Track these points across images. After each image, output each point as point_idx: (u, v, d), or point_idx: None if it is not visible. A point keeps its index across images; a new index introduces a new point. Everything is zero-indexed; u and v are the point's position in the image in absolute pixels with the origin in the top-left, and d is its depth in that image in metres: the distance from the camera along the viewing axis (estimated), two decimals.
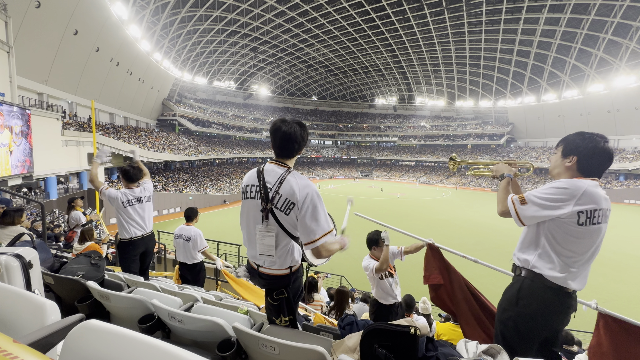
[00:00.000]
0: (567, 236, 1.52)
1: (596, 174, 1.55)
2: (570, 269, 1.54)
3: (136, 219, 3.23)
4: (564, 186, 1.51)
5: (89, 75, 23.06)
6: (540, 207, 1.53)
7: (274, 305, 1.67)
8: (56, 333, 0.73)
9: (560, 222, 1.52)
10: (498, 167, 1.94)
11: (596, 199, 1.48)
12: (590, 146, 1.54)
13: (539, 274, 1.59)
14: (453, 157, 2.32)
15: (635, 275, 13.14)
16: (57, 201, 16.07)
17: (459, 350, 1.63)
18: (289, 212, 1.52)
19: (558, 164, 1.66)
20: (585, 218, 1.48)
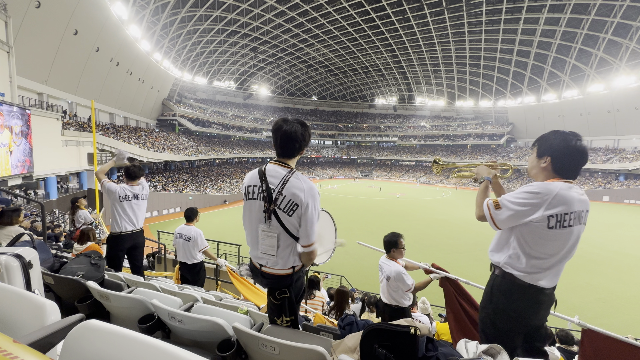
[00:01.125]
0: (538, 239, 1.54)
1: (571, 173, 1.56)
2: (539, 269, 1.57)
3: (129, 215, 3.37)
4: (535, 190, 1.52)
5: (89, 75, 23.07)
6: (513, 212, 1.55)
7: (276, 305, 1.67)
8: (56, 333, 0.73)
9: (531, 225, 1.53)
10: (478, 169, 1.95)
11: (568, 201, 1.48)
12: (562, 145, 1.54)
13: (509, 272, 1.63)
14: (436, 160, 2.33)
15: (635, 275, 13.15)
16: (57, 201, 16.07)
17: (459, 350, 1.64)
18: (292, 214, 1.52)
19: (534, 164, 1.66)
20: (556, 222, 1.49)
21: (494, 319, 1.70)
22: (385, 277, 2.99)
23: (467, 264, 14.11)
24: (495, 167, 1.96)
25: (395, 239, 3.06)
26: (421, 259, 2.81)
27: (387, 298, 3.06)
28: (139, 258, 3.68)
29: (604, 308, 10.29)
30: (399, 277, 2.92)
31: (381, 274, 3.09)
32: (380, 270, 3.11)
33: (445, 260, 14.55)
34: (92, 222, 5.64)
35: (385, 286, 3.03)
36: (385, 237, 3.12)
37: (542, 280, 1.57)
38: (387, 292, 3.03)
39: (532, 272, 1.57)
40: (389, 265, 3.01)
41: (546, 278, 1.58)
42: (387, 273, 2.97)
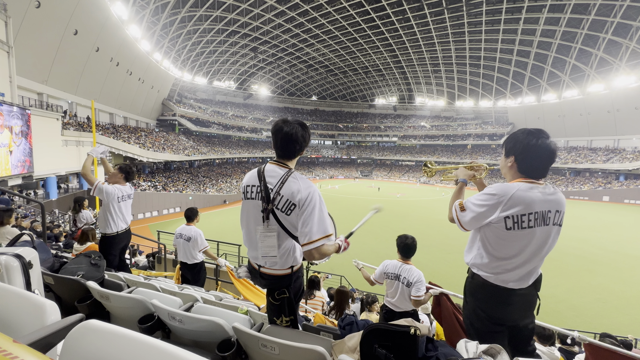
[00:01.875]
0: (498, 239, 1.54)
1: (536, 172, 1.53)
2: (504, 270, 1.56)
3: (124, 214, 3.49)
4: (492, 192, 1.53)
5: (89, 75, 23.07)
6: (474, 214, 1.56)
7: (276, 305, 1.68)
8: (56, 333, 0.73)
9: (491, 226, 1.54)
10: (457, 172, 1.96)
11: (526, 202, 1.46)
12: (524, 144, 1.51)
13: (477, 273, 1.65)
14: (427, 163, 2.31)
15: (635, 275, 13.14)
16: (57, 201, 16.07)
17: (459, 350, 1.63)
18: (290, 213, 1.51)
19: (502, 164, 1.66)
20: (513, 223, 1.48)
21: (470, 320, 1.72)
22: (406, 284, 2.85)
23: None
24: (476, 169, 1.97)
25: (416, 244, 2.95)
26: (421, 259, 2.80)
27: (403, 304, 2.93)
28: (124, 254, 3.84)
29: (604, 308, 10.29)
30: (420, 283, 2.78)
31: (395, 280, 2.93)
32: (394, 277, 2.94)
33: (445, 260, 14.55)
34: (94, 222, 5.66)
35: (402, 292, 2.89)
36: (407, 240, 2.95)
37: (510, 281, 1.56)
38: (404, 298, 2.89)
39: (497, 273, 1.57)
40: (410, 270, 2.88)
41: (513, 279, 1.56)
42: (409, 279, 2.83)
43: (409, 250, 2.97)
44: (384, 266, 3.08)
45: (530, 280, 1.59)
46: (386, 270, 3.04)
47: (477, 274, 1.65)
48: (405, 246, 2.97)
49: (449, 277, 12.57)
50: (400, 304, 2.95)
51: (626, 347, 4.06)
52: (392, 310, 3.03)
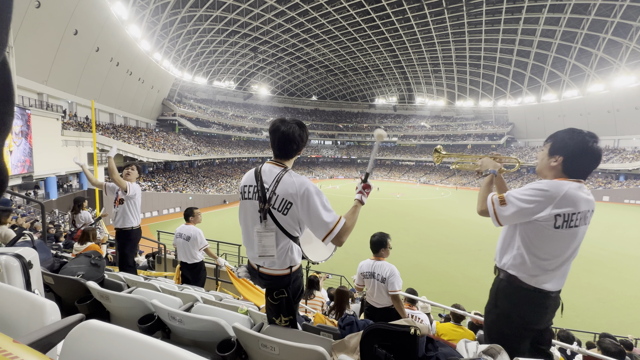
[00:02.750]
0: (543, 238, 1.50)
1: (581, 175, 1.52)
2: (544, 271, 1.53)
3: (139, 210, 3.81)
4: (543, 188, 1.47)
5: (89, 75, 23.07)
6: (518, 209, 1.50)
7: (274, 305, 1.68)
8: (56, 333, 0.73)
9: (536, 224, 1.49)
10: (484, 162, 1.87)
11: (576, 201, 1.44)
12: (578, 147, 1.48)
13: (513, 275, 1.58)
14: (438, 149, 2.21)
15: (635, 275, 13.14)
16: (57, 201, 16.07)
17: (459, 350, 1.63)
18: (287, 212, 1.51)
19: (544, 162, 1.61)
20: (562, 221, 1.45)
21: (499, 325, 1.65)
22: (380, 279, 2.89)
23: (467, 264, 14.11)
24: (500, 161, 1.89)
25: (384, 239, 3.01)
26: (421, 259, 2.81)
27: (382, 300, 2.98)
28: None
29: (604, 308, 10.29)
30: (394, 277, 2.83)
31: (371, 278, 2.97)
32: (370, 275, 2.98)
33: (445, 260, 14.55)
34: (93, 223, 5.67)
35: (378, 289, 2.93)
36: (374, 237, 3.05)
37: (547, 283, 1.53)
38: (382, 294, 2.94)
39: (537, 275, 1.53)
40: (382, 266, 2.93)
41: (551, 281, 1.54)
42: (383, 274, 2.88)
43: (375, 246, 3.03)
44: (360, 267, 3.14)
45: (564, 282, 1.58)
46: (361, 270, 3.10)
47: (513, 276, 1.58)
48: (372, 243, 3.05)
49: (448, 277, 12.58)
50: (380, 300, 3.01)
51: (626, 347, 4.06)
52: (373, 307, 3.09)
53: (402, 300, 2.92)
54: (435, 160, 2.23)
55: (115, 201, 3.70)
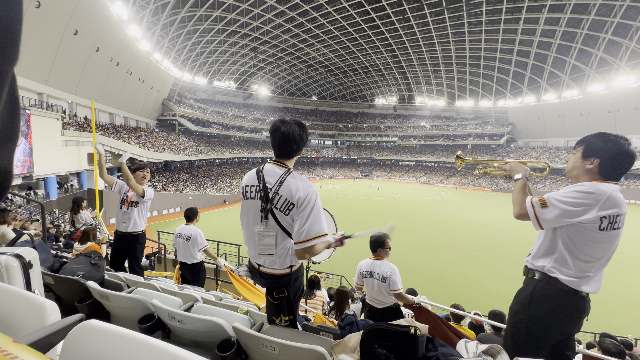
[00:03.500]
0: (587, 241, 1.49)
1: (617, 176, 1.54)
2: (586, 273, 1.52)
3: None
4: (589, 190, 1.47)
5: (89, 75, 23.07)
6: (561, 211, 1.49)
7: (275, 304, 1.68)
8: (56, 333, 0.73)
9: (580, 226, 1.49)
10: (512, 166, 1.85)
11: (618, 203, 1.47)
12: (613, 149, 1.51)
13: (553, 277, 1.57)
14: (459, 155, 2.23)
15: (635, 275, 13.15)
16: (57, 201, 16.07)
17: (459, 350, 1.63)
18: (288, 213, 1.53)
19: (577, 165, 1.61)
20: (607, 223, 1.46)
21: (529, 325, 1.63)
22: (380, 279, 2.90)
23: (467, 264, 14.11)
24: (528, 165, 1.87)
25: (383, 239, 3.01)
26: (421, 259, 2.81)
27: (383, 299, 2.99)
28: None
29: (604, 308, 10.29)
30: (395, 275, 2.85)
31: (370, 277, 2.98)
32: (369, 274, 2.99)
33: (446, 260, 14.55)
34: (92, 223, 5.66)
35: (379, 288, 2.94)
36: (372, 237, 3.05)
37: (585, 285, 1.53)
38: (382, 294, 2.95)
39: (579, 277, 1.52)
40: (382, 265, 2.94)
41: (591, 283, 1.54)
42: (383, 274, 2.90)
43: (374, 245, 3.04)
44: (359, 268, 3.14)
45: (601, 285, 1.56)
46: (360, 269, 3.10)
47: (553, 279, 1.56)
48: (371, 243, 3.06)
49: (448, 277, 12.57)
50: (380, 299, 3.01)
51: (626, 347, 4.06)
52: (374, 307, 3.08)
53: (405, 296, 2.93)
54: (457, 166, 2.25)
55: (123, 202, 3.52)
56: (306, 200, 1.50)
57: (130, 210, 3.49)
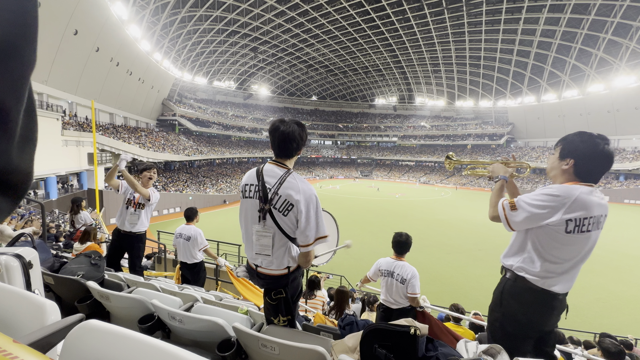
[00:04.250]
0: (554, 243, 1.50)
1: (593, 178, 1.51)
2: (553, 274, 1.53)
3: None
4: (555, 193, 1.47)
5: (89, 75, 23.06)
6: (529, 214, 1.50)
7: (272, 305, 1.68)
8: (56, 333, 0.73)
9: (548, 228, 1.49)
10: (494, 167, 1.87)
11: (588, 206, 1.44)
12: (589, 149, 1.48)
13: (521, 276, 1.59)
14: (450, 155, 2.25)
15: (635, 275, 13.15)
16: (57, 201, 16.07)
17: (459, 350, 1.64)
18: (287, 214, 1.53)
19: (555, 165, 1.61)
20: (574, 226, 1.45)
21: (503, 323, 1.66)
22: (400, 280, 2.89)
23: (467, 264, 14.11)
24: (511, 166, 1.89)
25: (411, 241, 2.98)
26: (421, 259, 2.81)
27: (399, 300, 2.97)
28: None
29: (604, 308, 10.29)
30: (415, 279, 2.83)
31: (389, 277, 2.96)
32: (388, 273, 2.97)
33: (446, 260, 14.55)
34: (92, 223, 5.66)
35: (396, 289, 2.93)
36: (401, 238, 2.98)
37: (555, 285, 1.54)
38: (399, 295, 2.93)
39: (546, 277, 1.53)
40: (403, 267, 2.92)
41: (560, 283, 1.54)
42: (403, 275, 2.88)
43: (402, 247, 3.00)
44: (378, 264, 3.13)
45: (572, 285, 1.58)
46: (380, 267, 3.08)
47: (521, 277, 1.59)
48: (399, 243, 3.01)
49: (448, 277, 12.58)
50: (397, 301, 2.99)
51: (626, 347, 4.06)
52: (389, 307, 3.05)
53: (419, 303, 2.91)
54: (447, 166, 2.26)
55: (130, 203, 3.50)
56: (306, 202, 1.51)
57: (137, 212, 3.54)
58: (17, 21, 0.19)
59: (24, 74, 0.22)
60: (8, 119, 0.22)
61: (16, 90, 0.21)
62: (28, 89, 0.24)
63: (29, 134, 0.27)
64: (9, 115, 0.22)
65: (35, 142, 0.29)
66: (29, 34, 0.21)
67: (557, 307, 1.58)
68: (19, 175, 0.26)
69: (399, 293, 2.93)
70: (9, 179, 0.25)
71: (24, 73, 0.21)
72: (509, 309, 1.64)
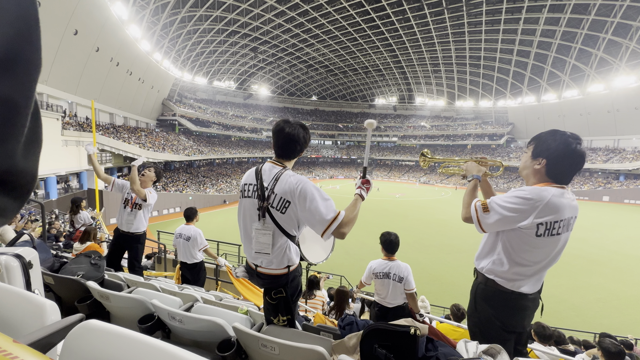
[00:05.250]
0: (524, 245, 1.49)
1: (565, 178, 1.49)
2: (522, 276, 1.52)
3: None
4: (526, 196, 1.44)
5: (89, 75, 23.06)
6: (501, 216, 1.48)
7: (272, 304, 1.68)
8: (56, 333, 0.73)
9: (518, 231, 1.48)
10: (468, 166, 1.84)
11: (559, 209, 1.42)
12: (561, 149, 1.45)
13: (491, 279, 1.58)
14: (424, 152, 2.16)
15: (635, 275, 13.15)
16: (57, 201, 16.07)
17: (459, 350, 1.63)
18: (285, 211, 1.52)
19: (527, 165, 1.58)
20: (544, 229, 1.43)
21: (481, 328, 1.66)
22: (397, 279, 2.91)
23: (466, 264, 14.11)
24: (486, 164, 1.85)
25: (399, 240, 3.00)
26: (421, 259, 2.81)
27: (395, 300, 3.00)
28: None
29: (604, 308, 10.29)
30: (410, 276, 2.88)
31: (385, 278, 2.97)
32: (384, 275, 2.98)
33: (445, 260, 14.55)
34: (92, 223, 5.66)
35: (394, 288, 2.95)
36: (390, 237, 2.99)
37: (523, 286, 1.53)
38: (396, 294, 2.97)
39: (514, 279, 1.52)
40: (398, 266, 2.94)
41: (528, 284, 1.53)
42: (400, 274, 2.90)
43: (393, 246, 3.00)
44: (371, 268, 3.12)
45: (540, 284, 1.58)
46: (374, 271, 3.07)
47: (491, 280, 1.58)
48: (390, 242, 3.00)
49: (448, 276, 12.58)
50: (393, 299, 3.02)
51: (626, 347, 4.06)
52: (385, 307, 3.08)
53: (415, 298, 2.96)
54: (422, 164, 2.19)
55: (127, 203, 3.53)
56: (299, 192, 1.48)
57: (134, 212, 3.52)
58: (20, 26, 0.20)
59: (32, 77, 0.23)
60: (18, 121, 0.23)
61: (25, 93, 0.22)
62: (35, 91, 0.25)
63: (35, 136, 0.28)
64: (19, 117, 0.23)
65: (41, 144, 0.30)
66: (33, 38, 0.22)
67: (529, 306, 1.58)
68: (25, 176, 0.27)
69: (396, 292, 2.96)
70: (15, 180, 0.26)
71: (31, 76, 0.22)
72: (484, 313, 1.63)
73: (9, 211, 0.27)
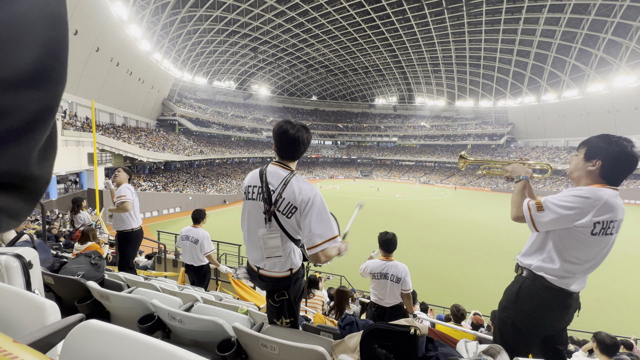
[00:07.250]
0: (577, 244, 1.50)
1: (618, 179, 1.53)
2: (571, 274, 1.54)
3: (137, 212, 3.79)
4: (585, 195, 1.46)
5: (89, 75, 23.06)
6: (557, 215, 1.49)
7: (275, 307, 1.68)
8: (56, 333, 0.73)
9: (572, 229, 1.49)
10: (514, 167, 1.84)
11: (614, 209, 1.46)
12: (616, 150, 1.50)
13: (539, 275, 1.59)
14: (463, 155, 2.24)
15: (635, 275, 13.15)
16: (57, 201, 16.08)
17: (459, 350, 1.63)
18: (291, 216, 1.51)
19: (580, 166, 1.60)
20: (600, 228, 1.46)
21: (515, 320, 1.68)
22: (395, 280, 2.92)
23: (467, 263, 14.11)
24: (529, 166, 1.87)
25: (396, 240, 3.01)
26: (421, 259, 2.81)
27: (392, 299, 3.01)
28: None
29: (604, 308, 10.29)
30: (408, 276, 2.89)
31: (383, 279, 2.99)
32: (381, 276, 2.99)
33: (446, 260, 14.54)
34: (92, 224, 5.66)
35: (391, 289, 2.96)
36: (387, 236, 3.00)
37: (572, 284, 1.55)
38: (394, 294, 2.99)
39: (564, 277, 1.54)
40: (396, 266, 2.95)
41: (576, 282, 1.56)
42: (397, 275, 2.91)
43: (391, 246, 3.01)
44: (367, 267, 3.15)
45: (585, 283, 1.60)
46: (371, 270, 3.09)
47: (539, 276, 1.59)
48: (388, 242, 3.00)
49: (448, 277, 12.57)
50: (390, 300, 3.04)
51: (626, 347, 4.06)
52: (382, 306, 3.09)
53: (411, 298, 2.99)
54: (460, 166, 2.25)
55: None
56: (309, 203, 1.48)
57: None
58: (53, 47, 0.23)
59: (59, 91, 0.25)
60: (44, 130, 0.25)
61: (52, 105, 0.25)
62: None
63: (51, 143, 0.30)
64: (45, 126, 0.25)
65: (56, 151, 0.32)
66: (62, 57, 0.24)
67: (572, 305, 1.60)
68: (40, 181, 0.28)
69: (394, 292, 2.97)
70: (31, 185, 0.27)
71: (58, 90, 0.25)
72: (524, 307, 1.64)
73: (22, 215, 0.29)
